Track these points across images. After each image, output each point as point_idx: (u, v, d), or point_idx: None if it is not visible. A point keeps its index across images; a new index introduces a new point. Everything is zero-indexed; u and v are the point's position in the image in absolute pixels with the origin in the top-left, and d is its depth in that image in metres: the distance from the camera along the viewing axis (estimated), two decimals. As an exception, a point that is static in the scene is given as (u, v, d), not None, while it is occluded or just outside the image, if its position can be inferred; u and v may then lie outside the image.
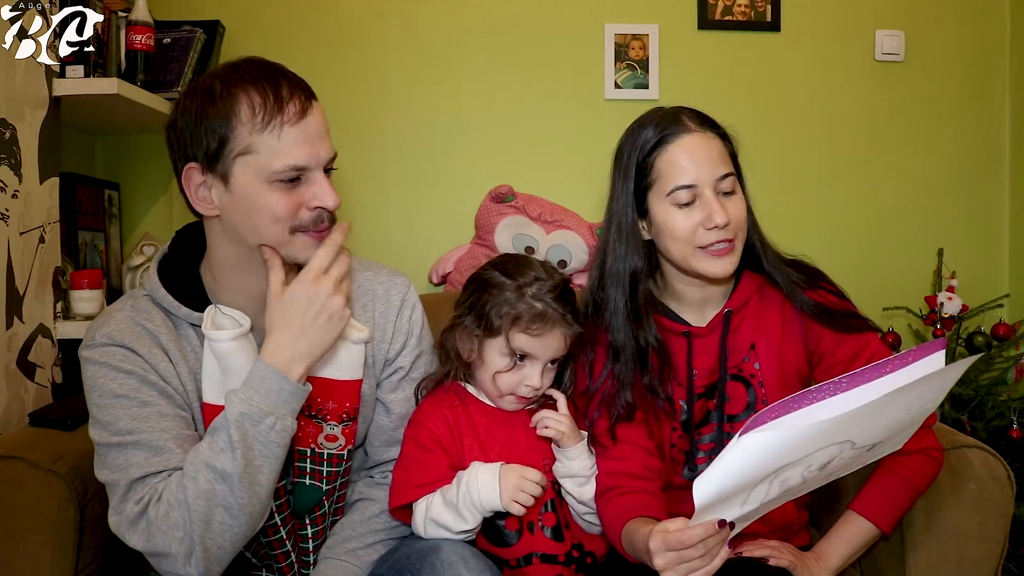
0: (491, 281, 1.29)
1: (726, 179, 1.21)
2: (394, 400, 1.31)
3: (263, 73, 1.10)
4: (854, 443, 0.94)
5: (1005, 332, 2.00)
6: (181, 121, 1.10)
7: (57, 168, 1.63)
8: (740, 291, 1.29)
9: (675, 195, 1.21)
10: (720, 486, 0.90)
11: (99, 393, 1.12)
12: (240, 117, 1.07)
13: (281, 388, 1.06)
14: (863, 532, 1.22)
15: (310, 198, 1.11)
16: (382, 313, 1.29)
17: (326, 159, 1.13)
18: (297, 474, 1.22)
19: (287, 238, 1.11)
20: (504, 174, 2.09)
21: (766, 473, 0.90)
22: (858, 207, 2.24)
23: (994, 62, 2.25)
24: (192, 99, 1.10)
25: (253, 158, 1.08)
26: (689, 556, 0.97)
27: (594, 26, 2.16)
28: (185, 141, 1.10)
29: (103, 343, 1.14)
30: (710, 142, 1.22)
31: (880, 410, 0.88)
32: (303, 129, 1.09)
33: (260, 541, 1.21)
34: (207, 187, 1.11)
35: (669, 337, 1.30)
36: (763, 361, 1.28)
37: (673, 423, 1.29)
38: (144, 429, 1.09)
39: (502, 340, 1.25)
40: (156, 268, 1.20)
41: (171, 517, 1.04)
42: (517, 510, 1.19)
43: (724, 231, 1.20)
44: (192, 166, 1.10)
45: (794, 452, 0.88)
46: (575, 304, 1.29)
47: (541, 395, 1.30)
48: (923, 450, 1.21)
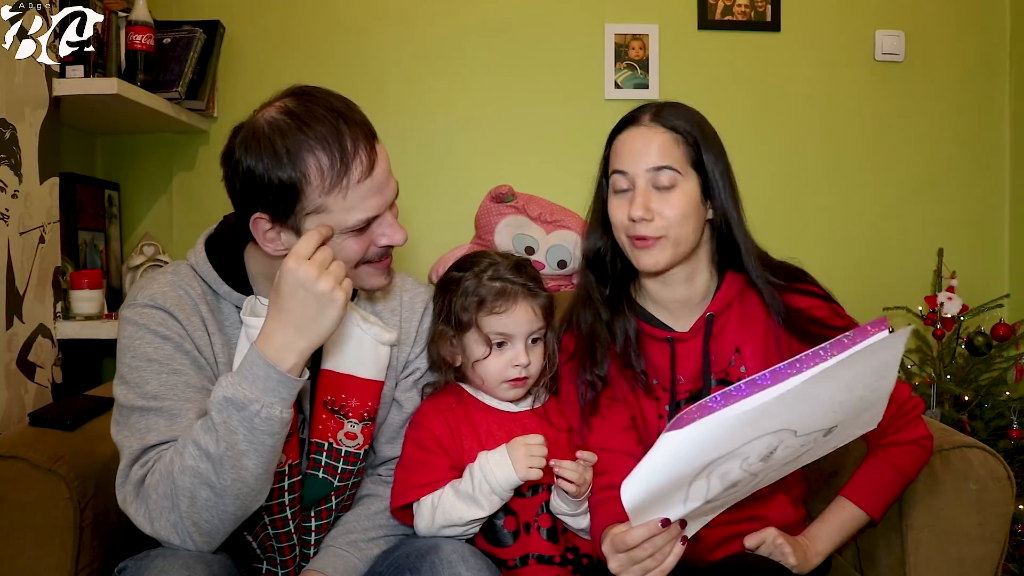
0: (451, 280, 1.32)
1: (661, 172, 1.21)
2: (408, 399, 1.34)
3: (322, 122, 1.08)
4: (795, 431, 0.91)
5: (1005, 332, 2.00)
6: (243, 167, 1.09)
7: (57, 168, 1.63)
8: (722, 293, 1.29)
9: (613, 180, 1.25)
10: (647, 486, 0.89)
11: (132, 354, 1.12)
12: (309, 178, 1.07)
13: (268, 375, 1.03)
14: (854, 518, 1.24)
15: (379, 237, 1.15)
16: (407, 319, 1.33)
17: (392, 199, 1.16)
18: (311, 465, 1.23)
19: (352, 272, 1.14)
20: (504, 174, 2.08)
21: (695, 469, 0.90)
22: (858, 207, 2.24)
23: (994, 62, 2.25)
24: (255, 149, 1.08)
25: (326, 216, 1.09)
26: (638, 557, 0.98)
27: (594, 26, 2.16)
28: (250, 192, 1.10)
29: (145, 304, 1.14)
30: (655, 136, 1.22)
31: (812, 395, 0.86)
32: (372, 183, 1.11)
33: (268, 532, 1.21)
34: (276, 232, 1.12)
35: (651, 343, 1.29)
36: (749, 364, 1.27)
37: (660, 427, 1.28)
38: (170, 396, 1.09)
39: (475, 330, 1.27)
40: (203, 243, 1.22)
41: (160, 487, 1.04)
42: (536, 475, 1.20)
43: (648, 226, 1.20)
44: (261, 217, 1.11)
45: (720, 446, 0.88)
46: (536, 275, 1.33)
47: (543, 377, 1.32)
48: (915, 440, 1.24)
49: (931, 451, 1.26)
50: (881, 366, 0.91)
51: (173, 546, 1.07)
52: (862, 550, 1.40)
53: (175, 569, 1.03)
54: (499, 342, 1.28)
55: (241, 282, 1.20)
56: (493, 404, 1.32)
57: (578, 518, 1.26)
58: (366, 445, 1.26)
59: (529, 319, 1.28)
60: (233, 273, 1.20)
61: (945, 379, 2.00)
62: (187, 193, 2.12)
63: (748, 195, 1.29)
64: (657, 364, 1.29)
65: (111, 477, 1.12)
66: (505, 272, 1.29)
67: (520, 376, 1.28)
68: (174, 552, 1.06)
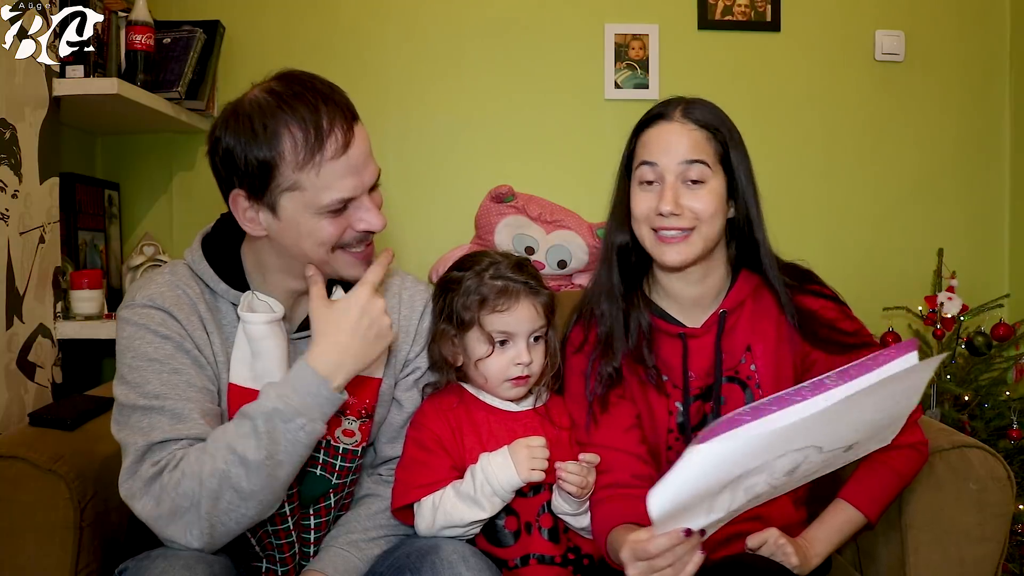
0: (452, 280, 1.32)
1: (693, 166, 1.21)
2: (408, 398, 1.34)
3: (301, 99, 1.09)
4: (820, 448, 0.93)
5: (1005, 332, 2.00)
6: (224, 146, 1.10)
7: (57, 168, 1.63)
8: (736, 291, 1.29)
9: (639, 171, 1.24)
10: (675, 498, 0.89)
11: (133, 355, 1.12)
12: (283, 154, 1.07)
13: (319, 392, 1.07)
14: (851, 520, 1.24)
15: (356, 221, 1.14)
16: (406, 316, 1.33)
17: (370, 183, 1.14)
18: (310, 463, 1.23)
19: (329, 256, 1.15)
20: (504, 174, 2.08)
21: (723, 483, 0.90)
22: (858, 207, 2.24)
23: (994, 62, 2.25)
24: (234, 126, 1.10)
25: (300, 194, 1.09)
26: (659, 565, 0.98)
27: (594, 26, 2.16)
28: (228, 169, 1.11)
29: (143, 304, 1.15)
30: (687, 132, 1.22)
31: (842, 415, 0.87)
32: (347, 161, 1.10)
33: (267, 530, 1.22)
34: (255, 211, 1.13)
35: (663, 338, 1.29)
36: (759, 363, 1.27)
37: (670, 424, 1.29)
38: (172, 395, 1.10)
39: (477, 328, 1.27)
40: (200, 243, 1.23)
41: (182, 486, 1.04)
42: (538, 476, 1.20)
43: (677, 219, 1.20)
44: (238, 193, 1.12)
45: (750, 461, 0.88)
46: (537, 274, 1.33)
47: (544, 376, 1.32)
48: (911, 445, 1.24)
49: (927, 456, 1.26)
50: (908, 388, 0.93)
51: (176, 545, 1.07)
52: (862, 550, 1.40)
53: (176, 570, 1.02)
54: (501, 340, 1.28)
55: (238, 279, 1.21)
56: (494, 404, 1.32)
57: (579, 517, 1.26)
58: (364, 443, 1.26)
59: (531, 317, 1.28)
60: (229, 270, 1.21)
61: (945, 379, 2.00)
62: (187, 193, 2.12)
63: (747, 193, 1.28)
64: (668, 360, 1.29)
65: (111, 477, 1.12)
66: (507, 271, 1.29)
67: (522, 375, 1.28)
68: (175, 553, 1.06)
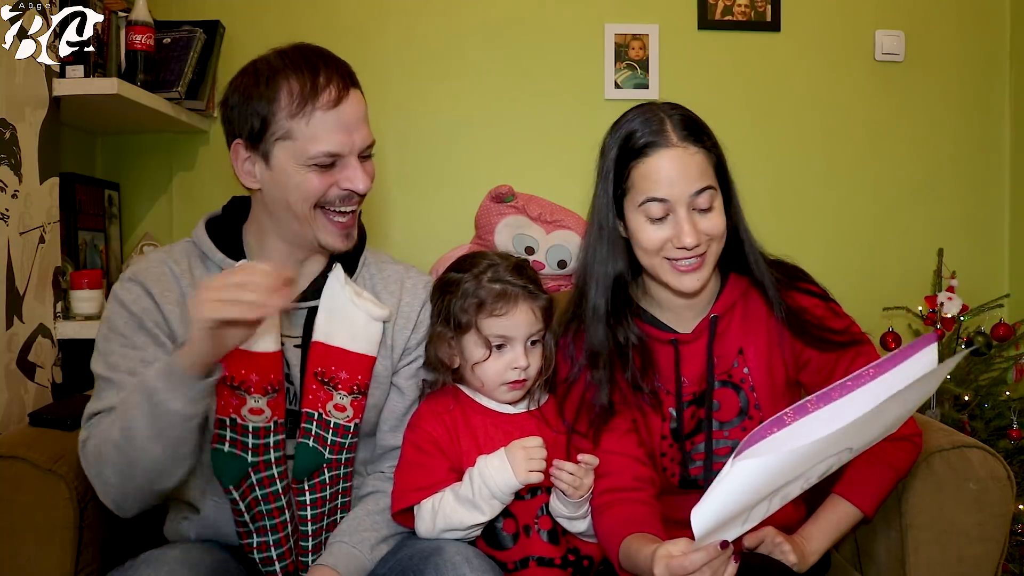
0: (450, 281, 1.31)
1: (702, 195, 1.17)
2: (410, 386, 1.35)
3: (305, 59, 1.17)
4: (852, 448, 0.95)
5: (1005, 332, 2.00)
6: (231, 100, 1.19)
7: (57, 168, 1.63)
8: (726, 295, 1.28)
9: (647, 207, 1.18)
10: (718, 513, 0.90)
11: (108, 326, 1.20)
12: (280, 102, 1.15)
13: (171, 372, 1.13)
14: (848, 515, 1.24)
15: (342, 179, 1.19)
16: (408, 303, 1.34)
17: (361, 146, 1.20)
18: (302, 435, 1.24)
19: (311, 215, 1.19)
20: (504, 174, 2.08)
21: (764, 495, 0.91)
22: (858, 207, 2.24)
23: (994, 62, 2.25)
24: (242, 80, 1.19)
25: (291, 143, 1.16)
26: None
27: (594, 26, 2.16)
28: (233, 119, 1.19)
29: (127, 278, 1.23)
30: (690, 158, 1.17)
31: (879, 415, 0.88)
32: (338, 116, 1.16)
33: (260, 510, 1.22)
34: (251, 162, 1.20)
35: (655, 345, 1.29)
36: (752, 365, 1.27)
37: (663, 431, 1.29)
38: (123, 368, 1.16)
39: (474, 332, 1.27)
40: (204, 222, 1.29)
41: (95, 450, 1.12)
42: (536, 478, 1.20)
43: (694, 249, 1.18)
44: (239, 142, 1.20)
45: (792, 471, 0.88)
46: (535, 277, 1.31)
47: (539, 379, 1.31)
48: (906, 436, 1.24)
49: (921, 447, 1.26)
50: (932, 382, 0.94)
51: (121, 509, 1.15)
52: (862, 549, 1.40)
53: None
54: (498, 344, 1.27)
55: (236, 252, 1.26)
56: (491, 406, 1.32)
57: (576, 521, 1.25)
58: (356, 419, 1.27)
59: (529, 321, 1.27)
60: (231, 245, 1.26)
61: (945, 379, 2.00)
62: (187, 193, 2.12)
63: (748, 195, 1.28)
64: (661, 366, 1.29)
65: (111, 477, 1.12)
66: (505, 274, 1.28)
67: (519, 379, 1.28)
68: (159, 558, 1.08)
